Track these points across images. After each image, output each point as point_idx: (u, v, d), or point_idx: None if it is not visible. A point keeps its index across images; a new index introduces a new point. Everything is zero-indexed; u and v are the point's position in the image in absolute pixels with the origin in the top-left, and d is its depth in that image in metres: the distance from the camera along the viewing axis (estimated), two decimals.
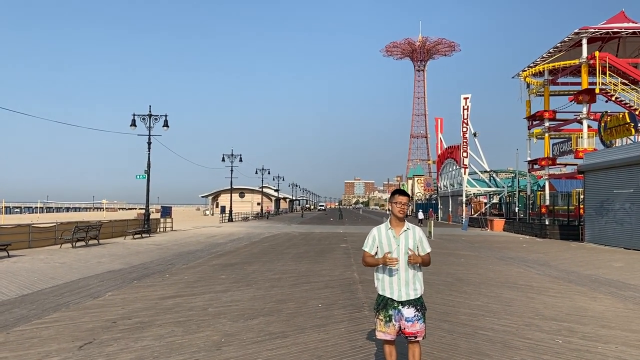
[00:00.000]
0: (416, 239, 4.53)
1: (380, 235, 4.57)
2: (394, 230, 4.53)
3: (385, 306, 4.49)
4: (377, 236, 4.58)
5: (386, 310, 4.49)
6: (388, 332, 4.49)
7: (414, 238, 4.53)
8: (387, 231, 4.55)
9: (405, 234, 4.52)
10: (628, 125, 25.12)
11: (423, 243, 4.56)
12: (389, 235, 4.53)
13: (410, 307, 4.45)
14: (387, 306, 4.49)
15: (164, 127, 31.61)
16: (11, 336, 6.64)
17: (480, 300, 9.49)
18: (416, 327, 4.45)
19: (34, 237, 20.82)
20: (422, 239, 4.57)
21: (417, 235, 4.56)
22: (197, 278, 12.01)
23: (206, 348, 6.12)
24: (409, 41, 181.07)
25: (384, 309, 4.50)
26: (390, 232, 4.53)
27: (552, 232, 29.72)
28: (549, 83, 36.68)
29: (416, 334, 4.46)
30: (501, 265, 15.56)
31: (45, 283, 11.14)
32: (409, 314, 4.44)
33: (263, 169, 72.37)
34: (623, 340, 6.71)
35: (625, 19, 33.35)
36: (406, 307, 4.45)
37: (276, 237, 27.97)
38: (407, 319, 4.43)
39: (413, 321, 4.44)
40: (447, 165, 61.05)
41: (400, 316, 4.45)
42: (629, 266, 15.74)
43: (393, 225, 4.56)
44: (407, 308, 4.45)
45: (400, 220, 4.54)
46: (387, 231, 4.55)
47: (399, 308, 4.45)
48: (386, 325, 4.48)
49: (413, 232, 4.55)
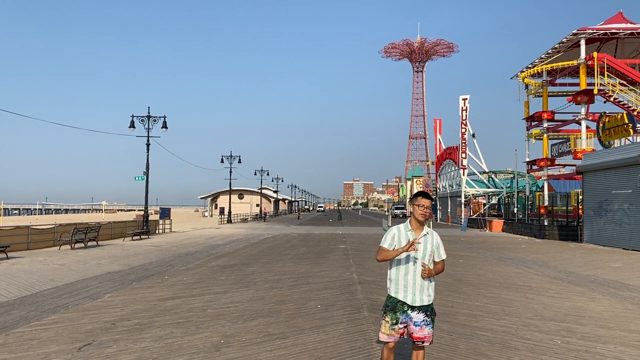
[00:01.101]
0: (434, 245, 4.46)
1: (400, 235, 4.46)
2: (413, 233, 4.44)
3: (394, 308, 4.39)
4: (397, 235, 4.47)
5: (394, 312, 4.39)
6: (392, 334, 4.39)
7: (432, 243, 4.45)
8: (407, 232, 4.46)
9: (425, 239, 4.42)
10: (626, 126, 25.16)
11: (440, 249, 4.50)
12: (408, 237, 4.42)
13: (421, 313, 4.37)
14: (396, 309, 4.39)
15: (162, 129, 31.63)
16: (10, 338, 6.64)
17: (479, 300, 9.50)
18: (424, 332, 4.37)
19: (32, 238, 20.79)
20: (439, 244, 4.51)
21: (436, 240, 4.49)
22: (196, 279, 12.01)
23: (205, 349, 6.12)
24: (408, 42, 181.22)
25: (392, 311, 4.40)
26: (410, 234, 4.44)
27: (551, 233, 29.74)
28: (548, 84, 36.72)
29: (424, 339, 4.38)
30: (500, 265, 15.58)
31: (44, 285, 11.14)
32: (419, 319, 4.36)
33: (262, 170, 72.35)
34: (622, 341, 6.73)
35: (624, 19, 33.41)
36: (416, 312, 4.37)
37: (275, 238, 27.96)
38: (416, 323, 4.35)
39: (422, 325, 4.36)
40: (446, 166, 61.10)
41: (408, 320, 4.36)
42: (628, 266, 15.76)
43: (413, 228, 4.47)
44: (417, 313, 4.37)
45: (421, 224, 4.47)
46: (407, 232, 4.46)
47: (408, 312, 4.36)
48: (391, 328, 4.38)
49: (432, 237, 4.48)
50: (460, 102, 51.94)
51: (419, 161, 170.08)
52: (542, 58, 34.60)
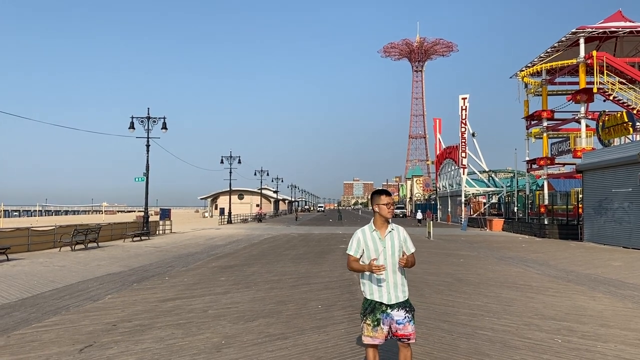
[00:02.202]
0: (401, 239, 4.42)
1: (365, 237, 4.43)
2: (379, 232, 4.41)
3: (373, 310, 4.37)
4: (362, 238, 4.43)
5: (374, 314, 4.36)
6: (376, 336, 4.36)
7: (399, 238, 4.42)
8: (372, 233, 4.42)
9: (391, 235, 4.40)
10: (626, 124, 25.17)
11: (407, 243, 4.46)
12: (374, 237, 4.40)
13: (400, 310, 4.36)
14: (374, 310, 4.37)
15: (162, 130, 31.65)
16: (12, 340, 6.65)
17: (480, 300, 9.51)
18: (408, 329, 4.35)
19: (33, 240, 20.80)
20: (406, 238, 4.47)
21: (402, 235, 4.45)
22: (197, 280, 12.02)
23: (206, 350, 6.13)
24: (407, 42, 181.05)
25: (371, 313, 4.37)
26: (375, 234, 4.41)
27: (551, 232, 29.76)
28: (547, 83, 36.73)
29: (409, 336, 4.36)
30: (500, 265, 15.58)
31: (45, 286, 11.14)
32: (399, 316, 4.34)
33: (262, 171, 72.38)
34: (622, 339, 6.73)
35: (622, 18, 33.41)
36: (395, 309, 4.35)
37: (275, 238, 27.97)
38: (398, 321, 4.33)
39: (404, 323, 4.34)
40: (446, 166, 61.11)
41: (390, 319, 4.34)
42: (628, 265, 15.77)
43: (378, 227, 4.42)
44: (396, 310, 4.35)
45: (386, 222, 4.43)
46: (371, 233, 4.43)
47: (387, 311, 4.35)
48: (374, 330, 4.36)
49: (397, 232, 4.44)
50: (460, 102, 51.93)
51: (419, 161, 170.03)
52: (542, 57, 34.60)
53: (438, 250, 20.14)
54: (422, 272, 13.03)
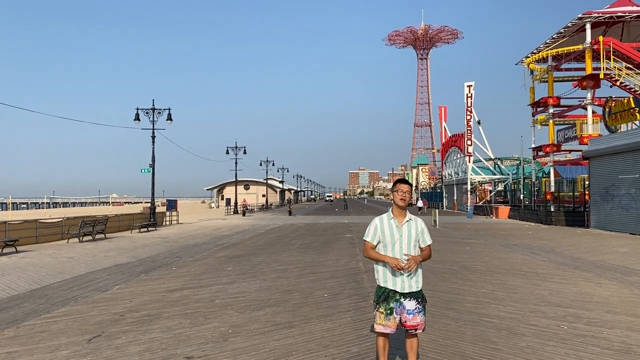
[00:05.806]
0: (418, 230, 4.46)
1: (382, 224, 4.48)
2: (396, 220, 4.46)
3: (387, 298, 4.40)
4: (379, 226, 4.49)
5: (387, 302, 4.39)
6: (389, 325, 4.40)
7: (416, 229, 4.46)
8: (390, 221, 4.48)
9: (408, 225, 4.45)
10: (633, 110, 24.92)
11: (424, 235, 4.50)
12: (391, 225, 4.45)
13: (412, 300, 4.39)
14: (388, 298, 4.40)
15: (167, 121, 31.66)
16: (21, 330, 6.72)
17: (486, 287, 9.52)
18: (417, 320, 4.38)
19: (41, 232, 20.96)
20: (423, 230, 4.51)
21: (420, 226, 4.49)
22: (204, 270, 12.09)
23: (213, 339, 6.18)
24: (412, 29, 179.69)
25: (384, 301, 4.41)
26: (393, 222, 4.46)
27: (557, 219, 29.67)
28: (553, 69, 36.45)
29: (417, 327, 4.40)
30: (506, 252, 15.58)
31: (54, 278, 11.24)
32: (411, 307, 4.37)
33: (267, 161, 72.41)
34: (628, 326, 6.73)
35: (630, 2, 32.99)
36: (408, 299, 4.38)
37: (281, 228, 28.05)
38: (409, 311, 4.36)
39: (414, 314, 4.37)
40: (452, 154, 60.92)
41: (401, 309, 4.37)
42: (635, 251, 15.72)
43: (395, 215, 4.49)
44: (409, 300, 4.38)
45: (402, 209, 4.48)
46: (389, 221, 4.48)
47: (400, 300, 4.38)
48: (387, 318, 4.39)
49: (415, 223, 4.48)
50: (465, 89, 51.65)
51: (425, 149, 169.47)
52: (547, 43, 34.30)
53: (444, 238, 20.14)
54: (428, 260, 13.03)
